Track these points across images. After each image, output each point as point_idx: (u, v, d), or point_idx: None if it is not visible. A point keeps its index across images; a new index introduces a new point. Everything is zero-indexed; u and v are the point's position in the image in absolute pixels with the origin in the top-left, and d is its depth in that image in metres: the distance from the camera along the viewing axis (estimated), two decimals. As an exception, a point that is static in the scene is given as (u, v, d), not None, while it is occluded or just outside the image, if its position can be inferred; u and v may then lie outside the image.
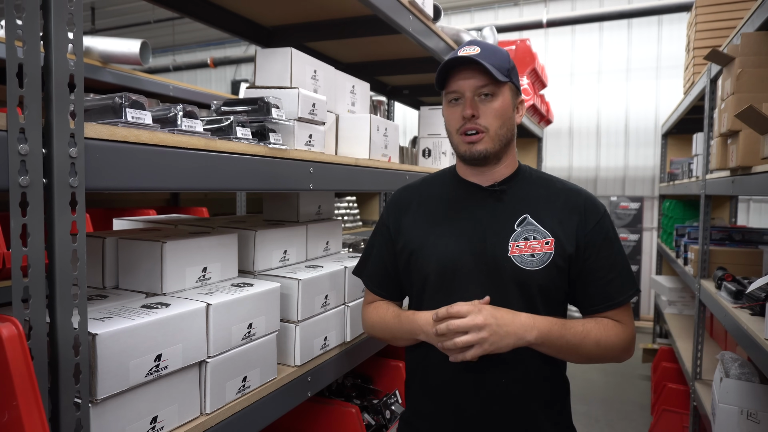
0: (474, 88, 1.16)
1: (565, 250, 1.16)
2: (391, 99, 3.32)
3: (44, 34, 0.73)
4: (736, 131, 1.99)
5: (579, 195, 1.23)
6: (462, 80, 1.17)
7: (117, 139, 0.82)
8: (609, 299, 1.18)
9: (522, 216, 1.19)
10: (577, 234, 1.18)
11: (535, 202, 1.21)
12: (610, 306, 1.19)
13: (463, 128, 1.18)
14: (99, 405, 0.85)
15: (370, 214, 4.56)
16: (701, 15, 3.28)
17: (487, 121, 1.17)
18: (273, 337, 1.27)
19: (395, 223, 1.31)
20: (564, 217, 1.19)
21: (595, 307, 1.20)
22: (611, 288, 1.18)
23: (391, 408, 1.86)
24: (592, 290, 1.19)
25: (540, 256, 1.15)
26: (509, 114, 1.20)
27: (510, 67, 1.20)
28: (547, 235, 1.17)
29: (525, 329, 1.09)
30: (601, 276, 1.18)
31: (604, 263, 1.18)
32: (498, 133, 1.18)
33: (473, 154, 1.18)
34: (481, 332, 1.07)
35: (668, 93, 6.20)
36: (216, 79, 8.81)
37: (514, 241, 1.17)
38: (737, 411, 2.02)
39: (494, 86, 1.17)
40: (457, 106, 1.19)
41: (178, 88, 2.91)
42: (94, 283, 1.17)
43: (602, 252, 1.19)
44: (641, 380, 4.54)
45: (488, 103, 1.17)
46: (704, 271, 2.83)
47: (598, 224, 1.20)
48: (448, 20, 6.94)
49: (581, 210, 1.20)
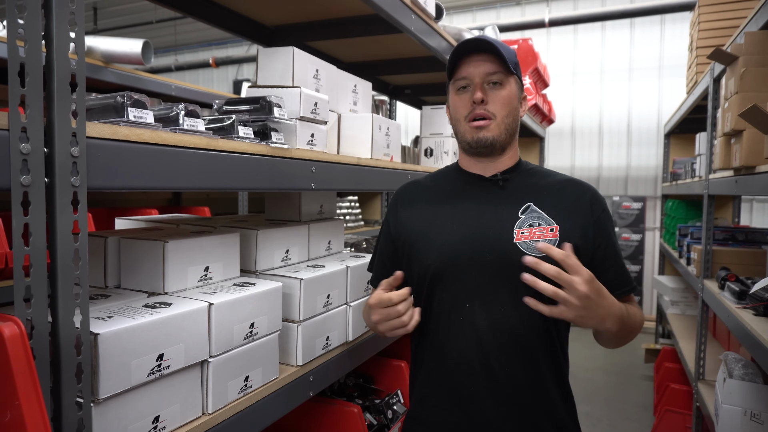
0: (484, 74, 1.19)
1: (570, 239, 1.16)
2: (393, 98, 3.32)
3: (46, 34, 0.73)
4: (740, 131, 1.99)
5: (583, 186, 1.26)
6: (472, 67, 1.19)
7: (119, 138, 0.81)
8: (626, 284, 1.22)
9: (526, 204, 1.20)
10: (584, 225, 1.20)
11: (538, 191, 1.22)
12: (625, 292, 1.21)
13: (471, 114, 1.20)
14: (101, 404, 0.85)
15: (372, 214, 4.56)
16: (704, 14, 3.27)
17: (495, 108, 1.19)
18: (275, 336, 1.27)
19: (395, 218, 1.32)
20: (570, 208, 1.20)
21: (615, 292, 1.17)
22: (625, 275, 1.23)
23: (393, 408, 1.85)
24: (610, 275, 1.20)
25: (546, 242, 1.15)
26: (515, 104, 1.22)
27: (516, 62, 1.23)
28: (551, 222, 1.18)
29: (613, 315, 1.08)
30: (615, 261, 1.22)
31: (613, 250, 1.22)
32: (505, 121, 1.20)
33: (480, 140, 1.19)
34: (578, 301, 1.02)
35: (671, 92, 6.19)
36: (218, 78, 8.83)
37: (519, 228, 1.17)
38: (740, 412, 2.01)
39: (503, 75, 1.19)
40: (465, 93, 1.21)
41: (180, 88, 2.91)
42: (96, 283, 1.17)
43: (611, 239, 1.23)
44: (644, 380, 4.53)
45: (497, 90, 1.19)
46: (707, 272, 2.82)
47: (603, 212, 1.23)
48: (450, 20, 6.94)
49: (588, 200, 1.23)
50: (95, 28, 7.84)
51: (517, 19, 6.41)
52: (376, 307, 1.14)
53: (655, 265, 6.16)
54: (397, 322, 1.12)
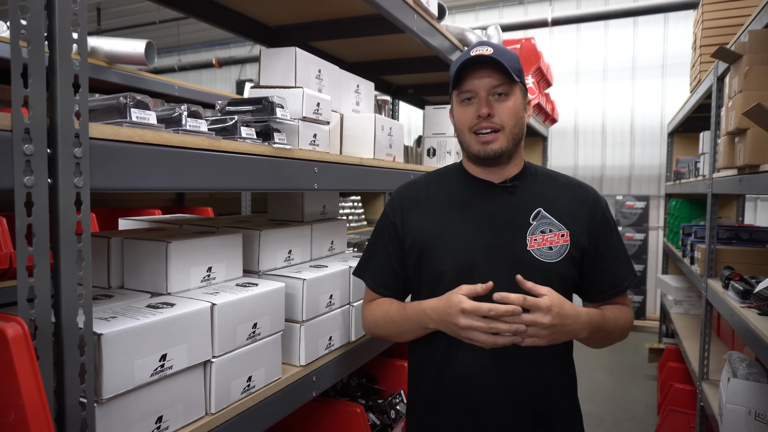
0: (489, 87, 1.18)
1: (579, 242, 1.21)
2: (395, 98, 3.31)
3: (49, 35, 0.73)
4: (744, 129, 1.98)
5: (585, 189, 1.29)
6: (477, 80, 1.18)
7: (121, 139, 0.82)
8: (617, 286, 1.26)
9: (536, 210, 1.21)
10: (588, 226, 1.23)
11: (546, 197, 1.24)
12: (618, 292, 1.26)
13: (477, 127, 1.19)
14: (104, 405, 0.85)
15: (374, 214, 4.56)
16: (708, 12, 3.26)
17: (503, 120, 1.19)
18: (278, 336, 1.27)
19: (402, 220, 1.28)
20: (575, 211, 1.24)
21: (604, 294, 1.26)
22: (618, 275, 1.26)
23: (396, 408, 1.85)
24: (604, 278, 1.25)
25: (558, 248, 1.19)
26: (521, 113, 1.23)
27: (519, 67, 1.22)
28: (561, 228, 1.20)
29: (582, 328, 1.13)
30: (610, 264, 1.25)
31: (611, 252, 1.25)
32: (513, 131, 1.20)
33: (488, 153, 1.19)
34: (544, 331, 1.07)
35: (674, 91, 6.17)
36: (221, 79, 8.84)
37: (532, 235, 1.19)
38: (745, 411, 2.01)
39: (508, 86, 1.19)
40: (470, 105, 1.20)
41: (183, 88, 2.91)
42: (99, 283, 1.17)
43: (609, 240, 1.25)
44: (647, 380, 4.52)
45: (502, 102, 1.19)
46: (711, 271, 2.81)
47: (603, 215, 1.26)
48: (453, 19, 6.93)
49: (590, 203, 1.26)
50: (99, 28, 7.86)
51: (520, 19, 6.39)
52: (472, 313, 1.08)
53: (659, 265, 6.14)
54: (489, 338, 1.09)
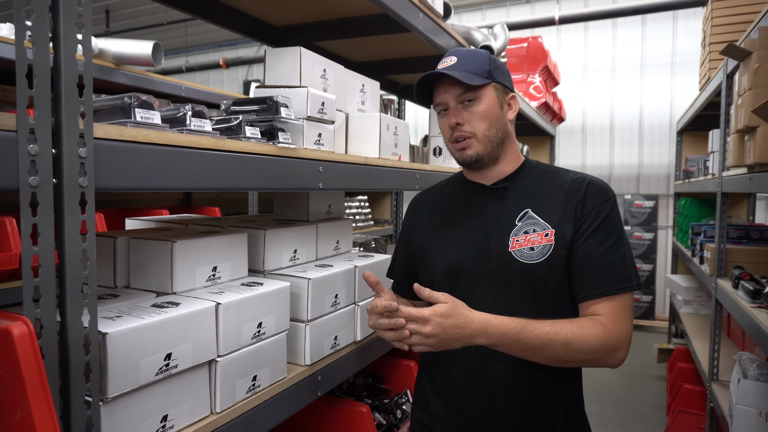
0: (455, 97, 1.20)
1: (564, 238, 1.13)
2: (401, 98, 3.31)
3: (53, 36, 0.73)
4: (754, 127, 1.96)
5: (583, 181, 1.19)
6: (443, 92, 1.22)
7: (126, 139, 0.82)
8: (590, 288, 1.11)
9: (523, 211, 1.19)
10: (574, 217, 1.15)
11: (538, 196, 1.20)
12: (592, 295, 1.10)
13: (452, 137, 1.23)
14: (109, 403, 0.86)
15: (381, 213, 4.56)
16: (717, 9, 3.23)
17: (473, 126, 1.19)
18: (283, 336, 1.27)
19: (411, 226, 1.38)
20: (566, 204, 1.16)
21: (579, 295, 1.13)
22: (596, 277, 1.10)
23: (402, 407, 1.85)
24: (578, 276, 1.13)
25: (540, 248, 1.14)
26: (496, 114, 1.20)
27: (492, 67, 1.20)
28: (547, 227, 1.15)
29: (474, 334, 1.05)
30: (587, 262, 1.12)
31: (594, 249, 1.12)
32: (486, 135, 1.20)
33: (465, 159, 1.22)
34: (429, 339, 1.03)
35: (683, 89, 6.12)
36: (228, 79, 8.88)
37: (514, 236, 1.17)
38: (755, 413, 1.99)
39: (473, 92, 1.18)
40: (446, 116, 1.24)
41: (190, 89, 2.93)
42: (105, 283, 1.18)
43: (596, 237, 1.12)
44: (656, 380, 4.49)
45: (471, 108, 1.19)
46: (721, 270, 2.78)
47: (597, 208, 1.14)
48: (459, 18, 6.91)
49: (582, 194, 1.16)
50: (107, 30, 7.92)
51: (527, 17, 6.35)
52: (370, 313, 1.10)
53: (668, 264, 6.09)
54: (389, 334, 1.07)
